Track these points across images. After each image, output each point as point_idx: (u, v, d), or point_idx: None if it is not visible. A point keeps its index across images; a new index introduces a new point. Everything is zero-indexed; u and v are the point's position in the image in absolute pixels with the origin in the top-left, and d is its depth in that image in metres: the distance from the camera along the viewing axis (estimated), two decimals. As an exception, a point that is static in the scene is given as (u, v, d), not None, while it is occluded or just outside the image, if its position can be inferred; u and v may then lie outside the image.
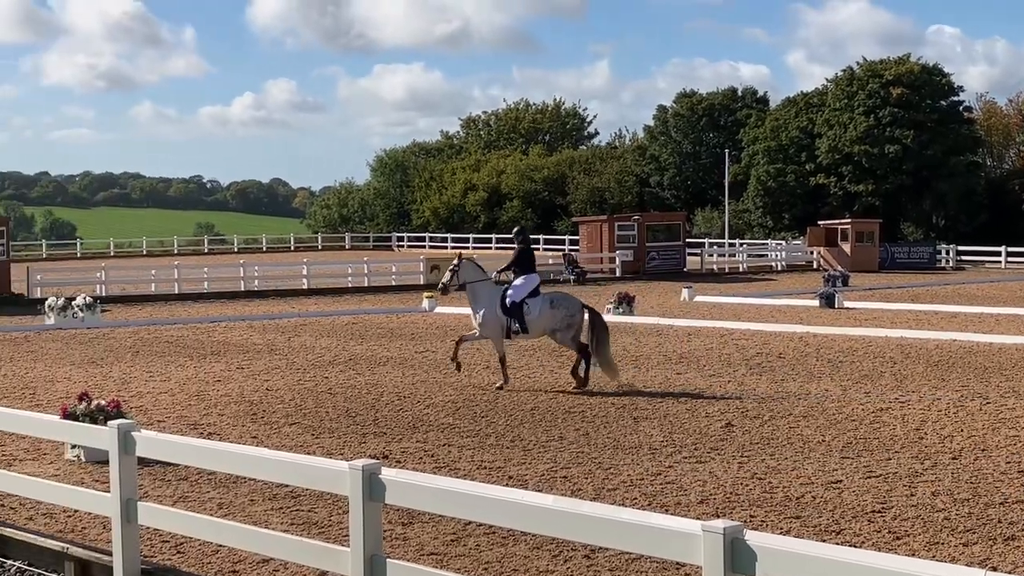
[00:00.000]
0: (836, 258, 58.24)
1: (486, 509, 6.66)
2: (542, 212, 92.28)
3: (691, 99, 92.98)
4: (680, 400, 16.88)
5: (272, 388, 18.35)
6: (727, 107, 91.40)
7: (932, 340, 24.84)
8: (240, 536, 7.98)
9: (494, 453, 13.05)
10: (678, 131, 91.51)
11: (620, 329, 28.04)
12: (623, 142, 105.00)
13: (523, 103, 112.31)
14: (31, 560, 9.07)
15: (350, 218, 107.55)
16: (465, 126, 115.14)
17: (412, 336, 26.74)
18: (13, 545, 9.27)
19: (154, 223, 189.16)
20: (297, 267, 47.74)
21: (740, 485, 11.42)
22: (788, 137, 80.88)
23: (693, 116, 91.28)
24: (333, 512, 10.34)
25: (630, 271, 51.79)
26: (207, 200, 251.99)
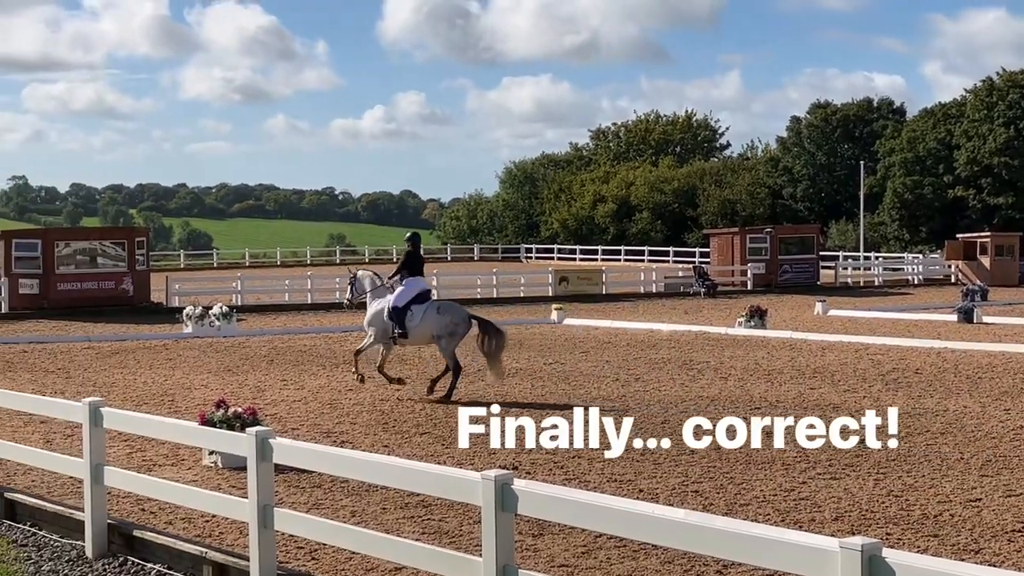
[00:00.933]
0: (975, 272, 56.81)
1: (617, 522, 6.63)
2: (672, 224, 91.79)
3: (825, 110, 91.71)
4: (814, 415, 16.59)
5: (403, 398, 18.53)
6: (862, 118, 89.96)
7: (1076, 357, 24.09)
8: (373, 543, 8.07)
9: (624, 466, 12.99)
10: (812, 142, 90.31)
11: (752, 343, 27.76)
12: (755, 153, 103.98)
13: (653, 114, 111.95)
14: (171, 564, 9.29)
15: (479, 229, 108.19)
16: (594, 137, 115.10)
17: (541, 348, 26.78)
18: (155, 549, 9.50)
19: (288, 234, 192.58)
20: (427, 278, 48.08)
21: (876, 502, 11.21)
22: (925, 149, 79.30)
23: (827, 127, 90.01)
24: (464, 522, 10.39)
25: (762, 284, 51.20)
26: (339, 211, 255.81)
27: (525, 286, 48.31)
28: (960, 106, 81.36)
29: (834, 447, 13.97)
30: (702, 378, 20.98)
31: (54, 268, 38.20)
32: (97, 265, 39.74)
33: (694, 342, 28.08)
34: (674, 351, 25.83)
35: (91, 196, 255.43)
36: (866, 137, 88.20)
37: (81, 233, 56.63)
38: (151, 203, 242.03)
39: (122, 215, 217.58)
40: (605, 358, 24.43)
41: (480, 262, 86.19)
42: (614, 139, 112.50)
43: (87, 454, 9.95)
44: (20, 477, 12.44)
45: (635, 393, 18.93)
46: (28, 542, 10.31)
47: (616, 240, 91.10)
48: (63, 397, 17.07)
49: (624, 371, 22.07)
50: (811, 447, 14.03)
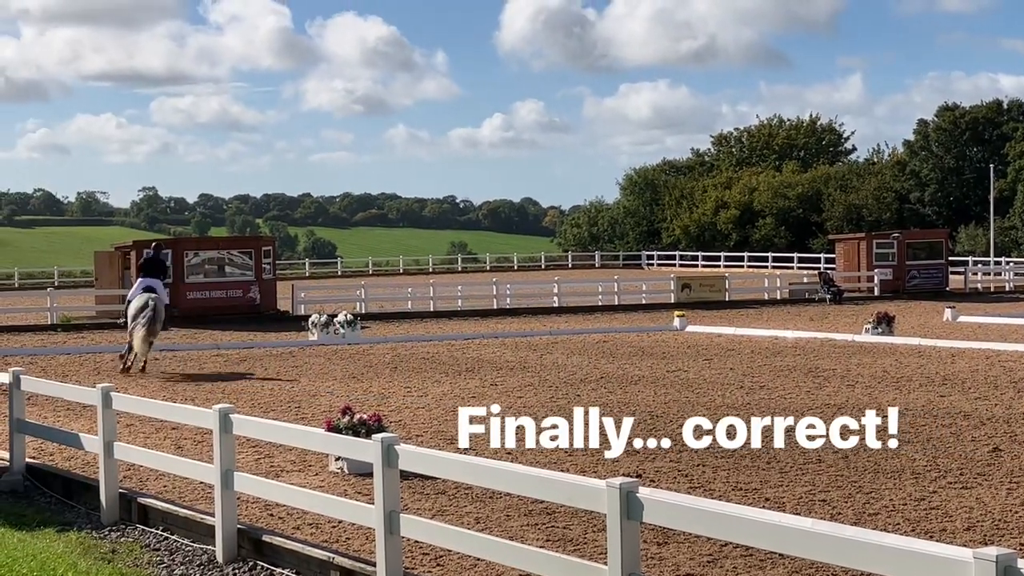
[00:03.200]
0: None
1: (744, 530, 6.57)
2: (796, 230, 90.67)
3: (953, 113, 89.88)
4: (944, 423, 16.29)
5: (525, 404, 18.57)
6: (992, 120, 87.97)
7: None
8: (498, 550, 8.09)
9: (750, 474, 12.86)
10: (940, 146, 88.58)
11: (880, 350, 27.29)
12: (881, 157, 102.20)
13: (776, 119, 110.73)
14: (298, 568, 9.43)
15: (600, 236, 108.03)
16: (716, 143, 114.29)
17: (663, 355, 26.65)
18: (283, 554, 9.65)
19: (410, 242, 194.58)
20: (548, 285, 48.25)
21: (1009, 512, 10.94)
22: (1058, 150, 77.26)
23: (956, 130, 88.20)
24: (588, 529, 10.38)
25: (889, 290, 50.29)
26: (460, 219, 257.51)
27: (647, 293, 48.12)
28: (1095, 106, 79.15)
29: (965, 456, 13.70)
30: (828, 385, 20.68)
31: (184, 277, 39.06)
32: (225, 274, 40.53)
33: (820, 349, 27.70)
34: (799, 358, 25.50)
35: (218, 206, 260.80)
36: (996, 140, 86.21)
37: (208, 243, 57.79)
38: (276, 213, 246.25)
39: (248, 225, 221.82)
40: (729, 365, 24.21)
41: (601, 269, 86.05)
42: (736, 144, 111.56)
43: (217, 459, 10.15)
44: (152, 482, 12.73)
45: (760, 401, 18.73)
46: (160, 546, 10.55)
47: (739, 246, 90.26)
48: (193, 404, 17.45)
49: (748, 378, 21.86)
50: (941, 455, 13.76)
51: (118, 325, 37.02)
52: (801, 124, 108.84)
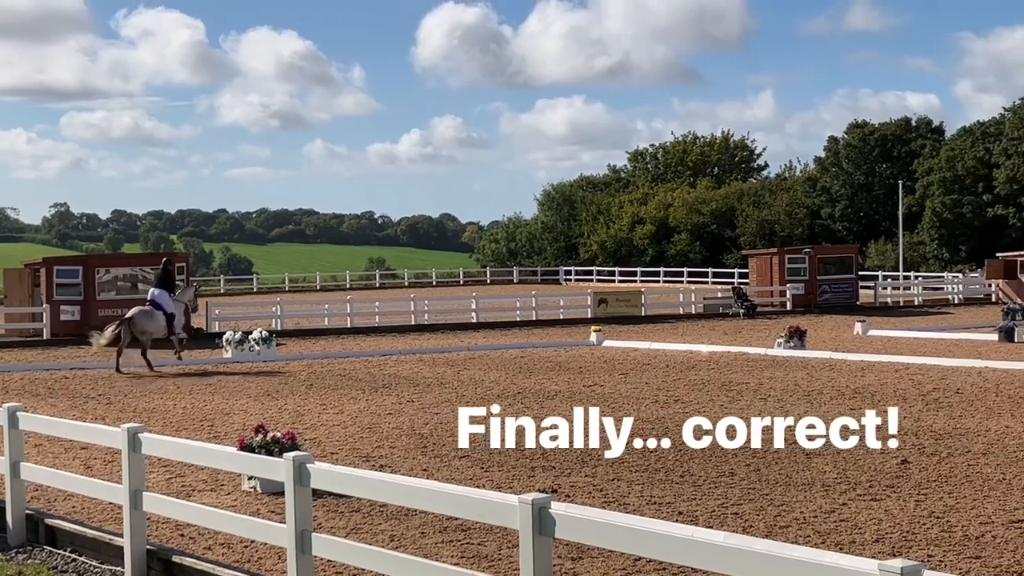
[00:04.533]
0: (1016, 291, 56.30)
1: (657, 545, 6.60)
2: (711, 245, 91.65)
3: (863, 130, 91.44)
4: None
5: (442, 421, 18.53)
6: (900, 137, 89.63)
7: (1121, 376, 23.84)
8: (412, 568, 8.05)
9: (663, 488, 12.95)
10: (850, 162, 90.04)
11: (792, 364, 27.64)
12: (793, 174, 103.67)
13: (691, 135, 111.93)
14: (210, 588, 9.31)
15: (518, 252, 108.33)
16: (632, 159, 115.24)
17: (580, 370, 26.75)
18: (193, 574, 9.53)
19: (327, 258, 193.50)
20: (466, 301, 48.25)
21: (917, 524, 11.12)
22: (964, 167, 78.85)
23: (865, 147, 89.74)
24: (503, 546, 10.38)
25: (801, 304, 50.95)
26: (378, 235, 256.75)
27: (564, 308, 48.29)
28: (999, 124, 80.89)
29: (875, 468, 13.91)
30: (741, 399, 20.89)
31: (95, 294, 38.47)
32: (138, 291, 39.92)
33: (733, 363, 27.98)
34: (713, 372, 25.74)
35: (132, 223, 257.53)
36: (904, 156, 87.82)
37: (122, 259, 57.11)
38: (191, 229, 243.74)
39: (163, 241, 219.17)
40: (644, 380, 24.37)
41: (519, 285, 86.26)
42: (652, 160, 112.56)
43: (126, 480, 10.01)
44: (61, 503, 12.52)
45: (674, 415, 18.86)
46: (68, 568, 10.38)
47: (655, 262, 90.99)
48: (103, 423, 17.19)
49: (663, 393, 22.02)
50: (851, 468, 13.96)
51: (27, 343, 36.41)
52: (715, 141, 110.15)
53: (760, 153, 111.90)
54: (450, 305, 50.32)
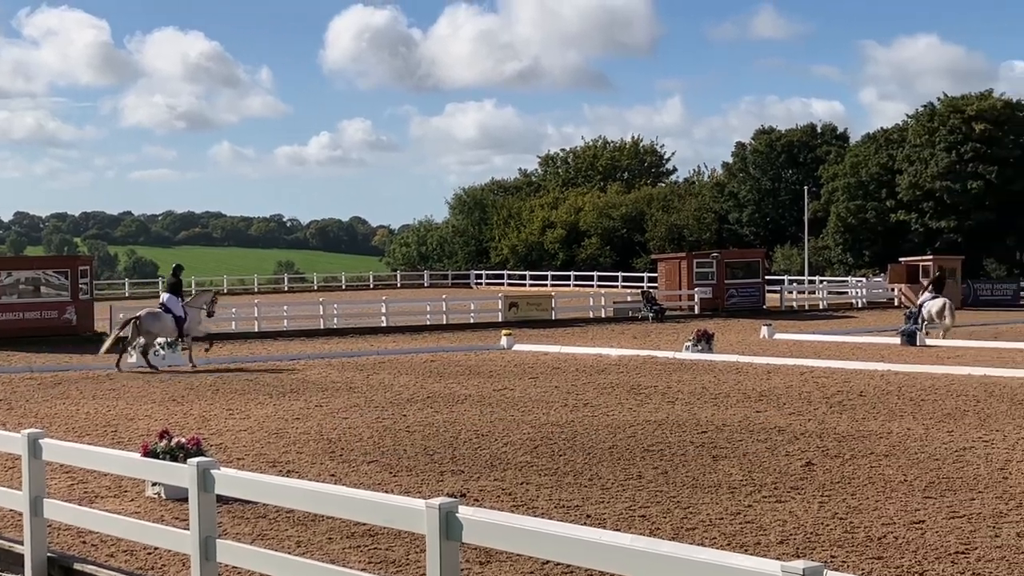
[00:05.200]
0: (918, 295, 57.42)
1: (564, 548, 6.61)
2: (621, 249, 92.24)
3: (769, 136, 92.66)
4: (760, 438, 16.71)
5: (351, 426, 18.44)
6: (806, 144, 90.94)
7: (1016, 378, 24.39)
8: (318, 574, 8.00)
9: (572, 492, 12.99)
10: (757, 168, 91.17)
11: (699, 367, 27.90)
12: (701, 179, 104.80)
13: (601, 140, 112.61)
14: (113, 596, 9.16)
15: (429, 256, 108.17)
16: (543, 163, 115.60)
17: (490, 374, 26.77)
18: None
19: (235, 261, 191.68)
20: (376, 305, 48.06)
21: (821, 525, 11.27)
22: (868, 174, 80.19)
23: (772, 153, 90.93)
24: (411, 551, 10.34)
25: (709, 308, 51.49)
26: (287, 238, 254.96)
27: (475, 312, 48.31)
28: (902, 131, 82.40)
29: (779, 470, 14.09)
30: (650, 402, 21.04)
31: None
32: (40, 294, 39.32)
33: (642, 367, 28.18)
34: (622, 376, 25.90)
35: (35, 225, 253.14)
36: (810, 162, 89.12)
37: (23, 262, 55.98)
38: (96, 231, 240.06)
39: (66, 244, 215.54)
40: (554, 383, 24.45)
41: (430, 288, 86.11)
42: (562, 165, 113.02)
43: (26, 486, 9.81)
44: (-41, 511, 12.24)
45: (583, 418, 18.95)
46: (-33, 577, 10.15)
47: (565, 265, 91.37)
48: (4, 429, 16.84)
49: (573, 396, 22.10)
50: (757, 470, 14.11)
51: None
52: (624, 146, 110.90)
53: (669, 158, 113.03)
54: (360, 309, 50.08)
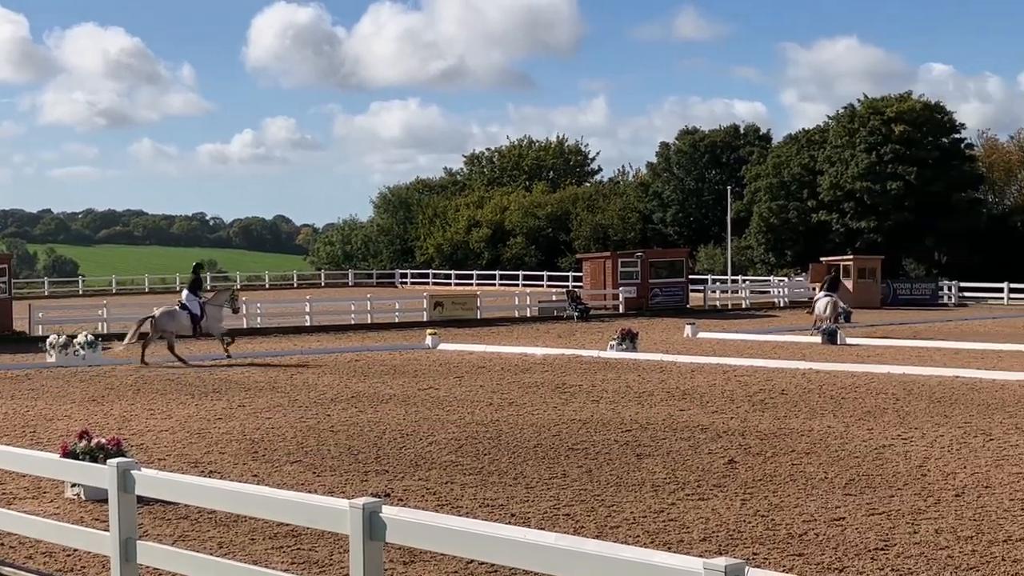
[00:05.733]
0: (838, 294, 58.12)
1: (488, 547, 6.61)
2: (546, 248, 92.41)
3: (693, 136, 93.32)
4: (683, 436, 16.83)
5: (274, 426, 18.31)
6: (729, 144, 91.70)
7: (935, 376, 24.80)
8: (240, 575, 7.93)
9: (497, 491, 13.00)
10: (681, 168, 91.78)
11: (624, 366, 28.03)
12: (625, 179, 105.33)
13: (526, 140, 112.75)
14: (30, 599, 9.02)
15: (353, 255, 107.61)
16: (468, 163, 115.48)
17: (415, 373, 26.71)
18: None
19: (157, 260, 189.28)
20: (300, 304, 47.74)
21: (743, 522, 11.37)
22: (790, 174, 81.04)
23: (696, 153, 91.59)
24: (334, 551, 10.29)
25: (633, 307, 51.76)
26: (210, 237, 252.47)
27: (400, 311, 48.14)
28: (823, 132, 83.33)
29: (703, 468, 14.20)
30: (575, 401, 21.11)
31: (-89, 297, 36.98)
32: (-43, 293, 38.57)
33: (567, 365, 28.26)
34: (547, 375, 25.96)
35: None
36: (733, 163, 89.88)
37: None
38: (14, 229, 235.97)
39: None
40: (479, 383, 24.45)
41: (355, 288, 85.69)
42: (488, 164, 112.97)
43: (-59, 489, 9.62)
44: None
45: (508, 417, 18.97)
46: None
47: (491, 265, 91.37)
48: (-82, 430, 16.52)
49: (498, 395, 22.12)
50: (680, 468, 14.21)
51: None
52: (549, 145, 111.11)
53: (594, 158, 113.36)
54: (283, 308, 49.70)
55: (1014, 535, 10.77)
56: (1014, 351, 31.47)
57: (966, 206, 76.77)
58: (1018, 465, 14.37)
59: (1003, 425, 17.75)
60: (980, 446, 15.82)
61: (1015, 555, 10.06)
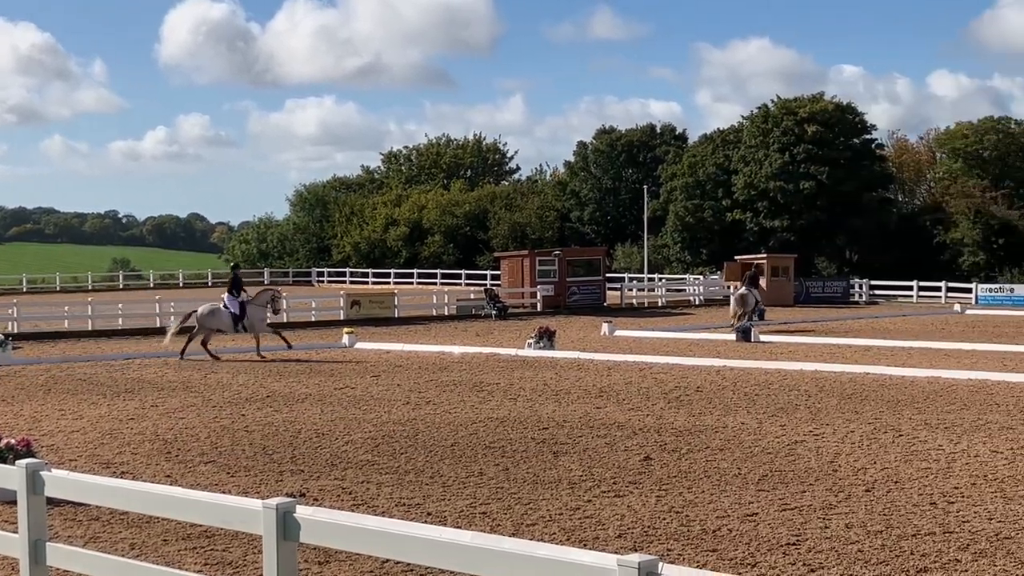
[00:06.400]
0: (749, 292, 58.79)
1: (403, 547, 6.60)
2: (464, 247, 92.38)
3: (610, 135, 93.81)
4: (599, 434, 16.92)
5: (187, 426, 18.12)
6: (646, 144, 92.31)
7: (846, 373, 25.17)
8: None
9: (413, 490, 12.98)
10: (598, 167, 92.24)
11: (542, 364, 28.11)
12: (543, 177, 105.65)
13: (444, 138, 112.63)
14: (-65, 604, 8.85)
15: (269, 253, 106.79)
16: (386, 161, 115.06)
17: (332, 372, 26.56)
18: (-83, 589, 9.04)
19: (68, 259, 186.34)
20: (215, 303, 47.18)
21: (658, 519, 11.46)
22: (705, 173, 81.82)
23: (613, 152, 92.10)
24: (248, 551, 10.21)
25: (551, 306, 51.93)
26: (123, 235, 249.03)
27: (316, 310, 47.83)
28: (737, 132, 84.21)
29: (618, 465, 14.28)
30: (492, 400, 21.13)
31: None
32: None
33: (485, 364, 28.27)
34: (465, 373, 25.96)
35: None
36: (649, 162, 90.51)
37: None
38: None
39: None
40: (396, 381, 24.38)
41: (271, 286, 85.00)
42: (406, 162, 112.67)
43: None
44: None
45: (425, 416, 18.94)
46: None
47: (409, 263, 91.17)
48: None
49: (415, 394, 22.07)
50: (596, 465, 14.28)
51: None
52: (467, 144, 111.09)
53: (512, 157, 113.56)
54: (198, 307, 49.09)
55: (922, 529, 10.96)
56: (923, 348, 32.05)
57: (877, 205, 78.00)
58: (926, 460, 14.64)
59: (912, 421, 18.07)
60: (890, 442, 16.08)
61: (923, 549, 10.25)
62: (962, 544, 10.43)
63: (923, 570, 9.61)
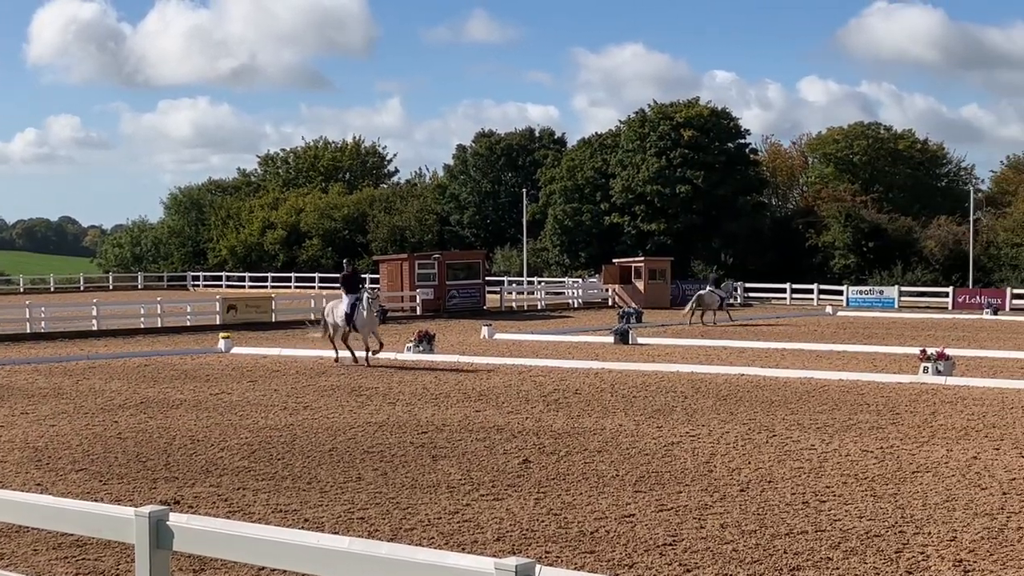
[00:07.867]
0: (630, 295, 59.49)
1: (279, 554, 6.55)
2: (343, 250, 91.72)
3: (490, 139, 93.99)
4: (479, 437, 16.94)
5: (58, 433, 17.72)
6: (525, 147, 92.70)
7: (721, 375, 25.56)
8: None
9: (290, 496, 12.86)
10: (477, 170, 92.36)
11: (421, 368, 28.06)
12: (423, 181, 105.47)
13: (322, 141, 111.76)
14: None
15: (143, 257, 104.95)
16: (263, 163, 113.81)
17: (207, 378, 26.20)
18: None
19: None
20: (86, 307, 46.27)
21: (536, 521, 11.51)
22: (584, 177, 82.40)
23: (492, 155, 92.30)
24: (121, 560, 10.02)
25: (430, 309, 51.88)
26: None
27: (191, 315, 47.13)
28: (615, 136, 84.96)
29: (497, 468, 14.32)
30: (371, 404, 21.04)
31: None
32: None
33: (363, 368, 28.12)
34: (343, 378, 25.80)
35: None
36: (528, 166, 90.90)
37: None
38: None
39: None
40: (273, 387, 24.13)
41: (145, 291, 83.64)
42: (283, 165, 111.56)
43: None
44: None
45: (303, 421, 18.79)
46: None
47: (286, 267, 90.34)
48: None
49: (293, 399, 21.87)
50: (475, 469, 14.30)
51: None
52: (346, 146, 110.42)
53: (391, 160, 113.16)
54: (69, 312, 48.13)
55: (795, 528, 11.18)
56: (795, 350, 32.70)
57: (751, 209, 79.29)
58: (799, 460, 14.93)
59: (785, 421, 18.42)
60: (764, 442, 16.37)
61: (796, 547, 10.45)
62: (834, 542, 10.65)
63: (796, 568, 9.80)
